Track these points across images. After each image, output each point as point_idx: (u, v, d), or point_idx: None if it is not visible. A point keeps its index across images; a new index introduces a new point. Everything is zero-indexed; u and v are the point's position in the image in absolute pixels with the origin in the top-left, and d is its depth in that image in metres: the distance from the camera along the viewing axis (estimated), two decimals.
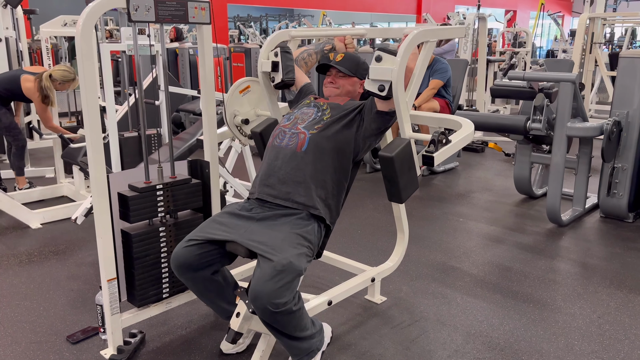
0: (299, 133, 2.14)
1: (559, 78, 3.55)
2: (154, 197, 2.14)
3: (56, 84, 4.02)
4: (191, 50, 7.30)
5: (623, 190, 3.83)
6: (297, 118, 2.23)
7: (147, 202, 2.12)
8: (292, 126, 2.19)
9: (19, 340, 2.37)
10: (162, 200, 2.16)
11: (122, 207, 2.10)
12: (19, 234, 3.66)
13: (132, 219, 2.09)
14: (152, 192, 2.13)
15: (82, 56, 1.86)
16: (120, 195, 2.09)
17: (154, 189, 2.14)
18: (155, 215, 2.17)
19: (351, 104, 2.25)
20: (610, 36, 11.68)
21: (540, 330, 2.47)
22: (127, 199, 2.06)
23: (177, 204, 2.22)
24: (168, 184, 2.18)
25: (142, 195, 2.10)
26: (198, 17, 2.14)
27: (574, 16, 23.47)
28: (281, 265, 1.80)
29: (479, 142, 6.46)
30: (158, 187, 2.15)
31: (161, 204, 2.17)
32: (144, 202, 2.11)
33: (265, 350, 2.13)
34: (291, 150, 2.12)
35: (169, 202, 2.19)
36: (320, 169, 2.10)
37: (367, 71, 2.33)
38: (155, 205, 2.15)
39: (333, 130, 2.14)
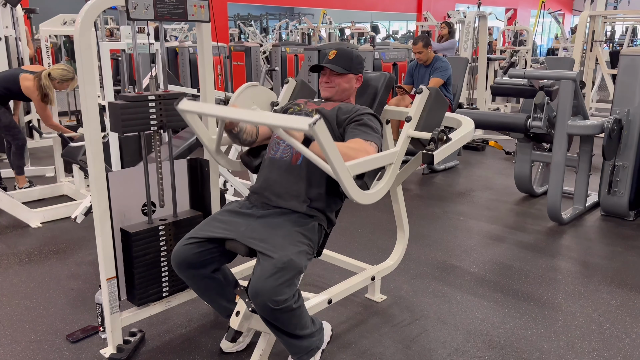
0: None
1: (560, 76, 3.54)
2: (146, 108, 2.06)
3: (55, 83, 4.02)
4: (191, 49, 7.30)
5: (624, 189, 3.82)
6: None
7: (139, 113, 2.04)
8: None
9: (19, 339, 2.36)
10: (154, 113, 2.09)
11: (114, 117, 2.02)
12: (19, 233, 3.66)
13: (124, 129, 2.01)
14: (144, 102, 2.05)
15: (81, 54, 1.86)
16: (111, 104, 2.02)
17: (146, 99, 2.05)
18: (147, 128, 2.08)
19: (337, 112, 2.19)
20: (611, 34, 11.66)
21: (540, 328, 2.47)
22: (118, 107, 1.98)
23: (170, 119, 2.13)
24: (161, 96, 2.10)
25: (134, 105, 2.03)
26: (197, 15, 2.13)
27: (575, 14, 23.44)
28: (281, 263, 1.80)
29: (480, 141, 6.45)
30: (150, 97, 2.07)
31: (154, 117, 2.09)
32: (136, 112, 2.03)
33: (265, 348, 2.13)
34: (286, 163, 2.10)
35: (162, 116, 2.11)
36: (316, 182, 2.08)
37: (361, 65, 2.32)
38: (147, 117, 2.07)
39: None
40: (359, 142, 2.00)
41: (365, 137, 2.04)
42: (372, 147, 2.02)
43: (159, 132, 2.15)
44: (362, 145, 1.99)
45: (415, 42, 5.13)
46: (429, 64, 5.11)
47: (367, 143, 2.01)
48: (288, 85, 2.59)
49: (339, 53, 2.28)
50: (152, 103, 2.07)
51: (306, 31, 12.75)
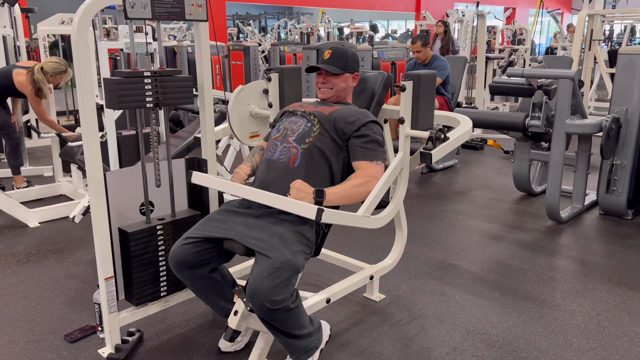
0: (291, 147, 2.11)
1: (558, 75, 3.54)
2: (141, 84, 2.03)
3: (48, 76, 4.00)
4: (189, 48, 7.29)
5: (622, 187, 3.82)
6: (286, 129, 2.19)
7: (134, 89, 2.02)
8: (283, 139, 2.16)
9: (17, 339, 2.36)
10: (150, 90, 2.06)
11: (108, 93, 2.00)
12: (17, 232, 3.66)
13: (119, 105, 1.99)
14: (140, 78, 2.03)
15: (78, 54, 1.85)
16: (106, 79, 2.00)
17: (142, 75, 2.04)
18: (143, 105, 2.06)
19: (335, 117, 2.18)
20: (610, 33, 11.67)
21: (539, 327, 2.47)
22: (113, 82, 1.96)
23: (166, 96, 2.11)
24: (157, 72, 2.07)
25: (129, 81, 2.00)
26: (195, 14, 2.13)
27: (573, 13, 23.45)
28: (279, 263, 1.80)
29: (478, 140, 6.45)
30: (146, 74, 2.05)
31: (149, 94, 2.06)
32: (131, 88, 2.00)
33: (263, 348, 2.13)
34: (283, 165, 2.10)
35: (158, 93, 2.08)
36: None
37: (357, 63, 2.32)
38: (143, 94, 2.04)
39: (324, 144, 2.12)
40: (366, 168, 2.09)
41: (371, 157, 2.11)
42: (379, 167, 2.09)
43: (156, 110, 2.12)
44: (369, 172, 2.08)
45: (413, 41, 5.13)
46: (428, 63, 5.11)
47: (373, 165, 2.09)
48: (272, 81, 2.61)
49: (334, 52, 2.27)
50: (147, 79, 2.04)
51: (305, 30, 12.74)
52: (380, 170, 2.08)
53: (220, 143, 3.94)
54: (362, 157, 2.11)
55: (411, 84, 2.13)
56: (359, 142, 2.12)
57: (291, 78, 2.62)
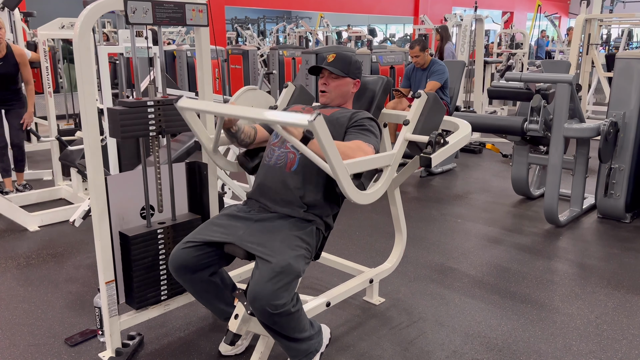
0: (288, 152, 2.12)
1: (556, 79, 3.56)
2: (145, 114, 2.06)
3: None
4: (189, 52, 7.31)
5: (620, 191, 3.84)
6: None
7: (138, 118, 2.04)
8: (281, 144, 2.16)
9: (17, 343, 2.36)
10: (153, 118, 2.09)
11: (112, 122, 2.03)
12: (17, 236, 3.66)
13: (123, 134, 2.01)
14: (143, 107, 2.06)
15: (80, 59, 1.86)
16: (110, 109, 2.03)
17: (145, 104, 2.06)
18: (146, 134, 2.08)
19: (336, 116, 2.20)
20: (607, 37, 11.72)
21: (538, 330, 2.48)
22: (117, 113, 1.99)
23: (169, 124, 2.14)
24: (160, 101, 2.11)
25: (133, 110, 2.03)
26: (196, 19, 2.14)
27: (571, 17, 23.53)
28: (280, 267, 1.80)
29: (477, 144, 6.47)
30: (149, 103, 2.08)
31: (152, 122, 2.09)
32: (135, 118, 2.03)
33: (263, 352, 2.13)
34: (280, 170, 2.10)
35: (161, 121, 2.11)
36: (311, 189, 2.08)
37: (359, 70, 2.33)
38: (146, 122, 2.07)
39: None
40: (358, 142, 2.03)
41: (364, 139, 2.06)
42: (370, 148, 2.04)
43: (158, 137, 2.16)
44: (360, 145, 2.01)
45: (412, 46, 5.14)
46: (426, 67, 5.13)
47: (365, 144, 2.03)
48: (287, 89, 2.60)
49: (338, 56, 2.29)
50: (150, 108, 2.08)
51: (303, 34, 12.78)
52: (371, 151, 2.03)
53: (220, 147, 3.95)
54: (355, 138, 2.07)
55: (426, 97, 2.16)
56: (355, 130, 2.13)
57: (303, 99, 2.62)
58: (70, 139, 4.29)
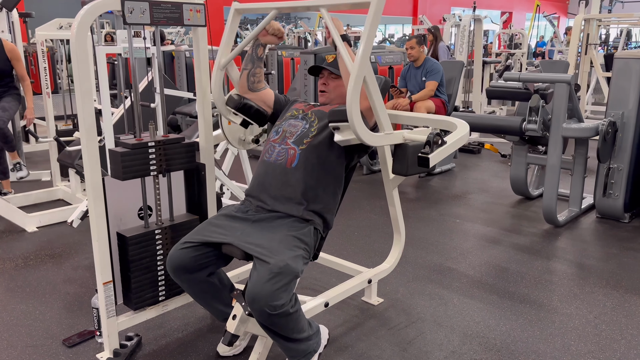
0: (289, 149, 2.12)
1: (555, 79, 3.56)
2: (145, 154, 2.09)
3: None
4: (187, 52, 7.30)
5: (619, 191, 3.84)
6: (285, 131, 2.19)
7: (139, 159, 2.07)
8: (282, 141, 2.16)
9: (15, 344, 2.36)
10: (154, 159, 2.11)
11: (114, 164, 2.05)
12: (15, 237, 3.65)
13: (124, 176, 2.04)
14: (144, 149, 2.08)
15: (77, 59, 1.86)
16: (112, 151, 2.05)
17: (146, 145, 2.09)
18: (147, 174, 2.10)
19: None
20: (606, 37, 11.73)
21: (536, 330, 2.48)
22: (119, 155, 2.01)
23: (169, 163, 2.16)
24: (160, 141, 2.12)
25: (134, 152, 2.05)
26: (193, 20, 2.14)
27: (570, 17, 23.55)
28: (278, 268, 1.80)
29: (476, 144, 6.47)
30: (150, 144, 2.10)
31: (153, 162, 2.11)
32: (135, 159, 2.06)
33: (262, 352, 2.13)
34: (281, 167, 2.10)
35: (162, 161, 2.13)
36: (312, 185, 2.08)
37: None
38: (147, 163, 2.09)
39: (322, 144, 2.12)
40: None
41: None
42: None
43: (158, 177, 2.19)
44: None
45: (410, 37, 5.25)
46: (420, 65, 5.16)
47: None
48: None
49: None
50: (151, 149, 2.11)
51: (302, 35, 12.77)
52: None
53: (218, 147, 3.94)
54: None
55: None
56: None
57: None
58: (69, 140, 4.28)
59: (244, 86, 2.30)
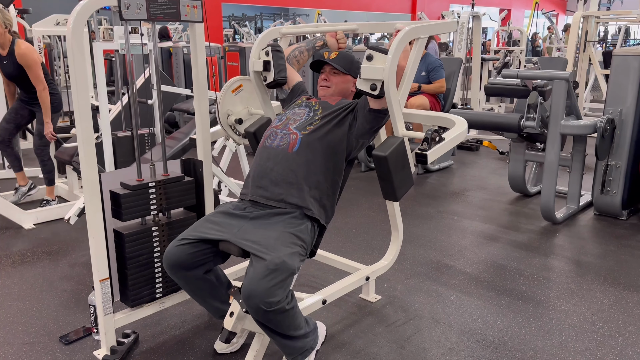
0: (291, 134, 2.13)
1: (553, 76, 3.56)
2: (146, 195, 2.13)
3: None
4: (185, 49, 7.29)
5: (617, 188, 3.84)
6: (288, 119, 2.21)
7: (139, 200, 2.11)
8: (284, 127, 2.18)
9: (12, 341, 2.35)
10: (154, 198, 2.15)
11: (115, 205, 2.08)
12: (12, 234, 3.64)
13: (125, 217, 2.08)
14: (145, 189, 2.12)
15: (73, 55, 1.85)
16: (113, 193, 2.08)
17: (147, 186, 2.12)
18: (147, 213, 2.15)
19: (343, 102, 2.24)
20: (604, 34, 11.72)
21: (534, 327, 2.48)
22: (119, 197, 2.05)
23: (169, 201, 2.21)
24: (161, 181, 2.16)
25: (135, 193, 2.09)
26: (190, 15, 2.12)
27: (568, 14, 23.54)
28: (274, 264, 1.80)
29: (474, 141, 6.47)
30: (150, 184, 2.13)
31: (154, 202, 2.15)
32: (136, 200, 2.10)
33: (259, 349, 2.12)
34: (282, 151, 2.11)
35: (162, 200, 2.18)
36: (313, 170, 2.09)
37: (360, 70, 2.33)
38: (147, 203, 2.14)
39: (325, 130, 2.13)
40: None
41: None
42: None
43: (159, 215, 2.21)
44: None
45: None
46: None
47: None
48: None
49: (340, 54, 2.31)
50: (152, 189, 2.13)
51: None
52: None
53: (215, 144, 3.94)
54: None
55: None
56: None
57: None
58: (66, 137, 4.27)
59: (288, 53, 2.54)
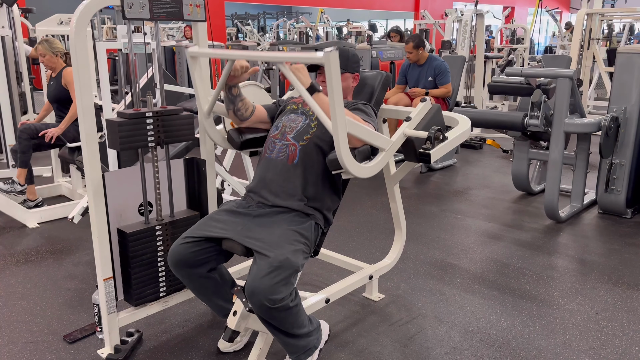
0: (290, 145, 2.12)
1: (557, 74, 3.54)
2: (143, 125, 2.05)
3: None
4: None
5: (621, 186, 3.82)
6: (284, 126, 2.19)
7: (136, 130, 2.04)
8: (282, 136, 2.16)
9: (16, 340, 2.36)
10: (152, 130, 2.08)
11: (111, 134, 2.02)
12: (16, 233, 3.66)
13: (122, 146, 2.02)
14: (142, 119, 2.05)
15: (76, 54, 1.85)
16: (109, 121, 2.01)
17: (144, 116, 2.06)
18: (145, 145, 2.07)
19: None
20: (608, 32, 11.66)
21: (538, 326, 2.47)
22: (116, 124, 1.99)
23: (168, 135, 2.13)
24: (158, 112, 2.09)
25: (132, 122, 2.02)
26: (193, 15, 2.12)
27: (572, 12, 23.45)
28: (278, 262, 1.80)
29: (477, 139, 6.46)
30: (148, 114, 2.07)
31: (151, 134, 2.08)
32: (133, 129, 2.03)
33: (262, 348, 2.13)
34: (282, 163, 2.10)
35: (160, 132, 2.11)
36: (313, 181, 2.08)
37: (357, 63, 2.32)
38: (145, 134, 2.07)
39: (322, 139, 2.12)
40: (359, 118, 2.05)
41: (362, 117, 2.10)
42: (370, 125, 2.07)
43: (156, 148, 2.16)
44: (361, 119, 2.03)
45: (407, 41, 5.11)
46: (423, 63, 5.09)
47: (364, 121, 2.05)
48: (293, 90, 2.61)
49: None
50: (149, 120, 2.08)
51: (304, 30, 12.74)
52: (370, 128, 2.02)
53: None
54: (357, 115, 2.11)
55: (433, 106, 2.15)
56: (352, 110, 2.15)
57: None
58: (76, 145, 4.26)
59: (236, 121, 2.27)
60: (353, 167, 1.83)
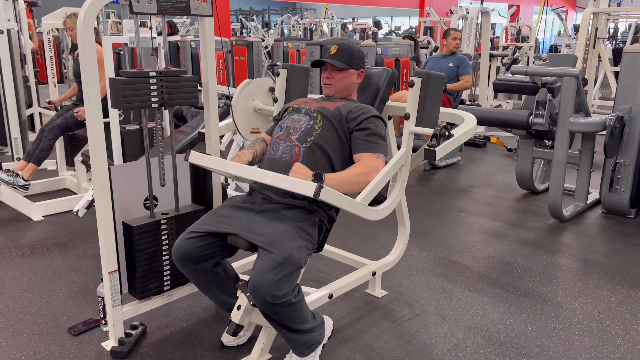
0: (294, 146, 2.12)
1: (562, 73, 3.54)
2: (147, 84, 2.04)
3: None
4: (193, 43, 7.29)
5: (625, 186, 3.82)
6: (288, 127, 2.19)
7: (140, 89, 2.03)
8: (286, 137, 2.16)
9: (21, 332, 2.38)
10: (155, 90, 2.07)
11: (114, 92, 2.01)
12: (21, 226, 3.67)
13: (124, 105, 2.00)
14: (145, 78, 2.04)
15: (83, 48, 1.86)
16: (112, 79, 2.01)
17: (147, 75, 2.04)
18: (149, 105, 2.07)
19: (341, 109, 2.20)
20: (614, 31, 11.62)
21: (540, 325, 2.48)
22: (119, 82, 1.98)
23: (171, 96, 2.12)
24: (162, 72, 2.08)
25: (135, 81, 2.01)
26: (200, 9, 2.13)
27: (578, 11, 23.36)
28: (281, 258, 1.81)
29: (481, 137, 6.45)
30: (152, 74, 2.06)
31: (154, 94, 2.07)
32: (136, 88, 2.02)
33: (266, 343, 2.14)
34: (285, 164, 2.10)
35: (163, 93, 2.09)
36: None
37: (362, 60, 2.32)
38: (148, 94, 2.05)
39: (327, 140, 2.12)
40: (367, 161, 2.07)
41: (372, 150, 2.10)
42: (380, 160, 2.09)
43: (160, 110, 2.13)
44: (370, 163, 2.06)
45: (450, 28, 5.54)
46: (450, 54, 5.43)
47: (374, 157, 2.08)
48: (280, 76, 2.61)
49: (340, 48, 2.28)
50: (153, 79, 2.05)
51: (308, 26, 12.72)
52: (382, 163, 2.08)
53: (223, 138, 3.95)
54: (364, 149, 2.11)
55: (420, 80, 2.13)
56: (361, 135, 2.13)
57: (299, 76, 2.63)
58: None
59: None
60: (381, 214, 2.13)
